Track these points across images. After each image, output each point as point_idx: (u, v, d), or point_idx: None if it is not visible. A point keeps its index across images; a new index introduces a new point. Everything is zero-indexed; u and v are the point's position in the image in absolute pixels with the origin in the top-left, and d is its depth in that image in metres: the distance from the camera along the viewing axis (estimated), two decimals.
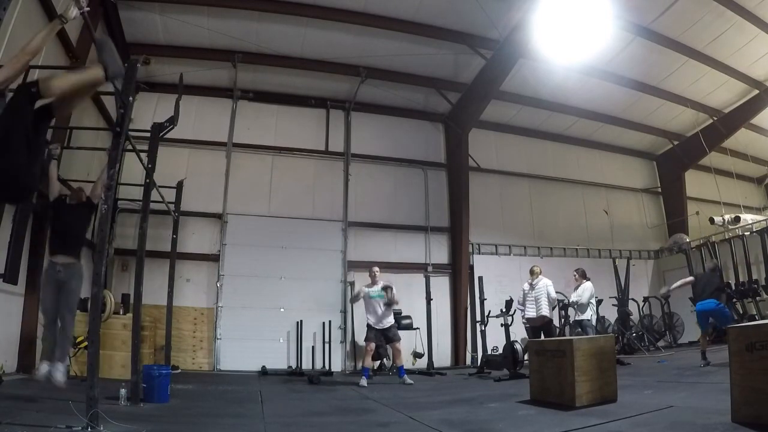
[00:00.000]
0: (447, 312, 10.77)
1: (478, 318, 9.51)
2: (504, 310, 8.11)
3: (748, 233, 10.78)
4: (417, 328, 9.51)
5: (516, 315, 8.14)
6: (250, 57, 9.73)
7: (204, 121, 10.24)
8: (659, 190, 14.20)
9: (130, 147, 5.50)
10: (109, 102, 8.00)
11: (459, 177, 11.25)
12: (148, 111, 9.00)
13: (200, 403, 4.88)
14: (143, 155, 5.64)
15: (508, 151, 12.49)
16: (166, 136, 6.14)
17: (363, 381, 6.61)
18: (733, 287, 9.77)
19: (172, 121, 5.93)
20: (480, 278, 9.80)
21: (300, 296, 9.72)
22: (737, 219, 11.53)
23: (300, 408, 4.73)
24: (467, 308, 10.72)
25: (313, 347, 9.46)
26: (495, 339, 8.91)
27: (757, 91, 11.15)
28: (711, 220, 11.74)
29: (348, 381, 7.37)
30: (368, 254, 10.46)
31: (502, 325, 7.98)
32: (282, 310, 9.61)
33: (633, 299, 11.31)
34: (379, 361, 9.01)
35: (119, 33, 8.70)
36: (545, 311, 7.42)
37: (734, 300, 9.60)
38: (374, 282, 7.19)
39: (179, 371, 7.91)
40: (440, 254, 11.20)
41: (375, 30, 9.17)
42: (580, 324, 7.88)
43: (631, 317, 10.99)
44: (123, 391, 4.30)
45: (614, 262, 11.85)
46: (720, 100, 11.76)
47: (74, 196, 4.91)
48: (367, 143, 11.25)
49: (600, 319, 9.76)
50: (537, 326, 7.49)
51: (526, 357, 6.01)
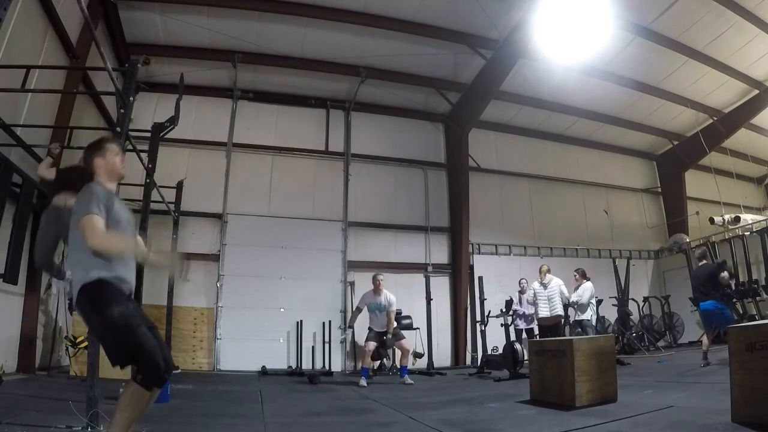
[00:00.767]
0: (447, 312, 10.78)
1: (478, 318, 9.51)
2: (504, 310, 8.13)
3: (748, 233, 10.78)
4: (417, 328, 9.52)
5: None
6: (250, 57, 9.74)
7: (204, 121, 10.25)
8: (659, 190, 14.21)
9: (131, 147, 5.49)
10: (110, 102, 8.01)
11: (459, 177, 11.26)
12: (148, 111, 9.01)
13: (200, 403, 4.87)
14: (143, 155, 5.63)
15: (508, 151, 12.50)
16: (166, 136, 6.14)
17: (363, 381, 6.60)
18: (733, 287, 9.75)
19: (173, 121, 5.92)
20: (480, 278, 9.80)
21: (300, 296, 9.72)
22: (737, 219, 11.53)
23: (300, 408, 4.72)
24: (467, 308, 10.73)
25: (313, 347, 9.47)
26: (495, 339, 8.92)
27: (757, 91, 11.16)
28: (711, 220, 11.76)
29: (348, 381, 7.36)
30: (368, 254, 10.48)
31: (502, 325, 8.01)
32: (282, 310, 9.62)
33: (633, 299, 11.31)
34: (379, 361, 9.01)
35: (119, 33, 8.71)
36: (560, 310, 7.49)
37: (734, 300, 9.58)
38: (377, 291, 6.99)
39: (179, 371, 7.91)
40: (440, 254, 11.21)
41: (375, 30, 9.18)
42: (580, 324, 7.88)
43: (631, 317, 11.00)
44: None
45: (614, 262, 11.85)
46: (720, 100, 11.76)
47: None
48: (367, 143, 11.26)
49: (600, 319, 9.78)
50: (550, 325, 7.53)
51: (526, 357, 6.02)
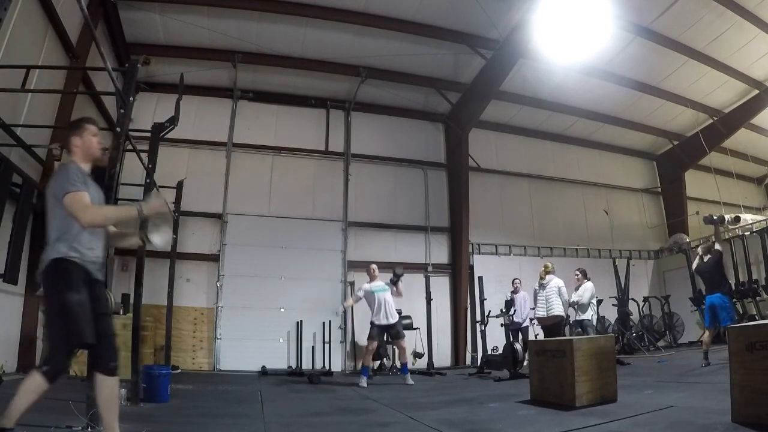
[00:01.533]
0: (447, 312, 10.78)
1: (478, 318, 9.51)
2: (504, 310, 8.12)
3: (748, 233, 10.78)
4: (417, 328, 9.51)
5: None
6: (250, 57, 9.73)
7: (204, 121, 10.24)
8: (659, 190, 14.21)
9: (131, 147, 5.50)
10: (110, 102, 8.00)
11: (459, 177, 11.26)
12: (148, 111, 9.01)
13: (200, 403, 4.88)
14: (143, 155, 5.64)
15: (508, 151, 12.50)
16: (166, 136, 6.14)
17: (363, 381, 6.59)
18: (734, 287, 9.75)
19: (173, 121, 5.91)
20: (480, 278, 9.81)
21: (300, 296, 9.72)
22: (737, 219, 11.53)
23: (300, 408, 4.73)
24: (467, 308, 10.73)
25: (313, 347, 9.47)
26: (495, 339, 8.92)
27: (757, 91, 11.16)
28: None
29: (348, 381, 7.36)
30: (368, 254, 10.45)
31: (502, 325, 8.00)
32: (282, 310, 9.62)
33: (633, 299, 11.32)
34: (379, 361, 9.02)
35: (119, 33, 8.71)
36: (557, 311, 7.40)
37: (734, 300, 9.58)
38: (373, 279, 7.10)
39: (179, 371, 7.91)
40: (440, 254, 11.20)
41: (375, 30, 9.18)
42: (581, 324, 7.88)
43: (631, 317, 11.00)
44: (123, 391, 4.29)
45: (614, 262, 11.86)
46: (720, 100, 11.76)
47: None
48: (367, 143, 11.26)
49: (600, 319, 9.78)
50: (548, 325, 7.47)
51: (526, 357, 6.02)
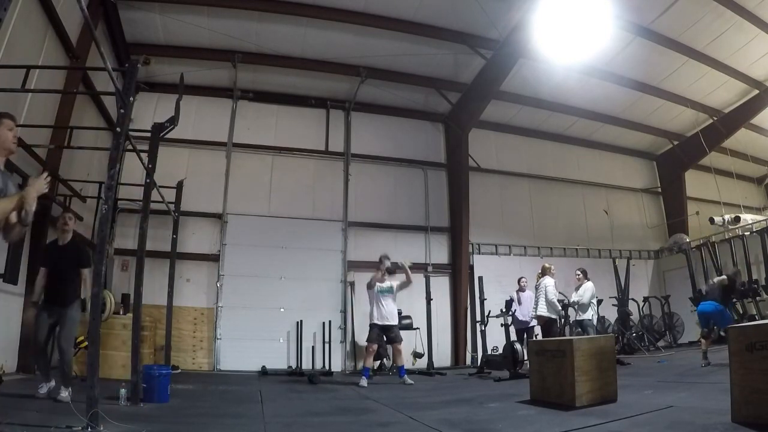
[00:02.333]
0: (447, 312, 10.78)
1: (478, 318, 9.51)
2: (504, 310, 8.13)
3: (748, 233, 10.78)
4: (417, 328, 9.51)
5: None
6: (250, 57, 9.73)
7: (204, 121, 10.24)
8: (659, 190, 14.21)
9: (131, 147, 5.50)
10: (110, 102, 8.01)
11: (459, 177, 11.26)
12: (148, 111, 9.02)
13: (200, 403, 4.88)
14: (143, 155, 5.64)
15: (508, 151, 12.50)
16: (166, 136, 6.14)
17: (363, 381, 6.58)
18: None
19: (173, 121, 5.91)
20: (480, 278, 9.80)
21: (300, 296, 9.72)
22: (737, 219, 11.53)
23: (300, 408, 4.72)
24: (467, 308, 10.73)
25: (313, 347, 9.47)
26: (495, 339, 8.91)
27: (757, 91, 11.16)
28: (711, 220, 11.76)
29: (348, 381, 7.36)
30: (368, 254, 10.42)
31: (502, 325, 8.01)
32: (282, 310, 9.62)
33: (633, 299, 11.32)
34: (379, 361, 9.01)
35: (119, 33, 8.71)
36: (539, 311, 7.68)
37: (734, 300, 9.59)
38: (383, 278, 7.03)
39: (179, 371, 7.91)
40: (440, 254, 11.20)
41: (375, 30, 9.18)
42: (581, 324, 7.90)
43: (631, 317, 11.00)
44: (123, 391, 4.30)
45: (614, 262, 11.86)
46: (720, 100, 11.76)
47: (62, 229, 4.63)
48: (367, 143, 11.26)
49: (600, 319, 9.79)
50: (540, 325, 7.72)
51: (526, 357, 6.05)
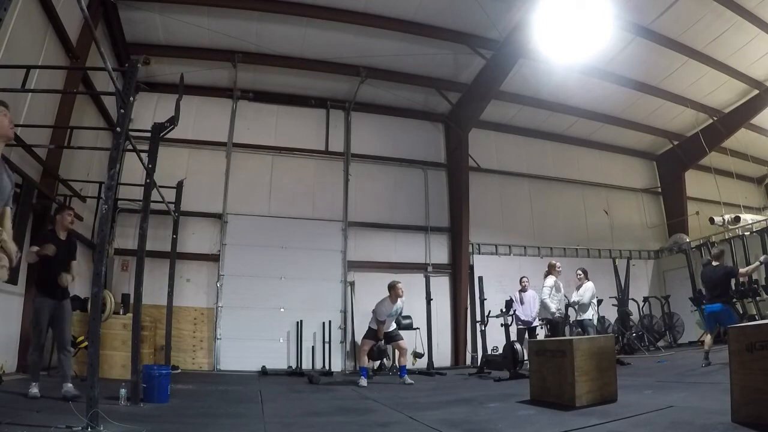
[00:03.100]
0: (447, 312, 10.78)
1: (478, 318, 9.51)
2: (504, 310, 8.11)
3: (748, 233, 10.78)
4: (417, 328, 9.51)
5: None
6: (250, 57, 9.73)
7: (204, 121, 10.24)
8: (659, 190, 14.20)
9: (131, 147, 5.50)
10: (110, 102, 8.01)
11: (459, 177, 11.26)
12: (148, 111, 9.03)
13: (200, 403, 4.87)
14: (143, 155, 5.63)
15: (508, 151, 12.50)
16: (166, 136, 6.13)
17: (362, 381, 6.60)
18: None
19: (173, 121, 5.91)
20: (480, 278, 9.79)
21: (300, 296, 9.72)
22: (737, 219, 11.53)
23: (300, 408, 4.72)
24: (467, 308, 10.73)
25: (313, 347, 9.47)
26: (495, 339, 8.91)
27: (757, 91, 11.16)
28: (711, 220, 11.76)
29: (348, 381, 7.36)
30: (368, 254, 10.48)
31: (502, 325, 7.99)
32: (282, 310, 9.62)
33: (633, 299, 11.32)
34: (379, 361, 9.02)
35: (119, 33, 8.71)
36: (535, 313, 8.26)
37: (734, 300, 9.59)
38: (394, 300, 6.93)
39: (179, 371, 7.91)
40: (440, 254, 11.20)
41: (375, 30, 9.18)
42: (581, 324, 7.91)
43: (631, 317, 11.00)
44: (123, 391, 4.30)
45: (614, 262, 11.86)
46: (720, 100, 11.76)
47: (61, 226, 4.69)
48: (367, 143, 11.26)
49: (600, 319, 9.79)
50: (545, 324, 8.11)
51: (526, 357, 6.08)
